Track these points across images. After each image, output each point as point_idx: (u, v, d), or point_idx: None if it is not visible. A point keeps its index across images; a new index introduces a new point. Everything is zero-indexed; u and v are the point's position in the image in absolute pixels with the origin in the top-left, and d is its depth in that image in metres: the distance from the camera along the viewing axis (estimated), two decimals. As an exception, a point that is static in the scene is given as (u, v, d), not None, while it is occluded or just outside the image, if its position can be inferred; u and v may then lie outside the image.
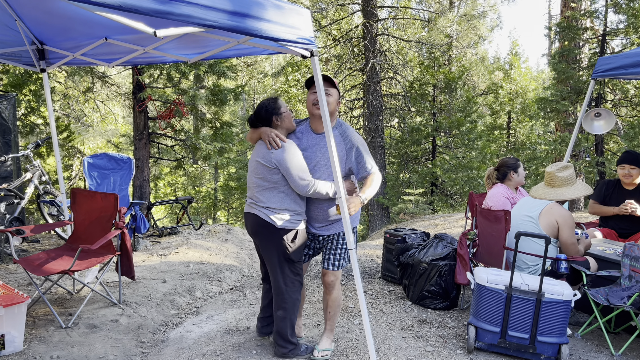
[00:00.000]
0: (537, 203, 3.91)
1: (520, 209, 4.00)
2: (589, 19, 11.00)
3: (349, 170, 3.23)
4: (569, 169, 3.97)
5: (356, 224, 3.27)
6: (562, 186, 3.96)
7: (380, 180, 3.27)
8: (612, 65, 4.87)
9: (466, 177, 13.37)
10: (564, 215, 3.77)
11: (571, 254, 3.80)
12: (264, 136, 3.10)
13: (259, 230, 3.17)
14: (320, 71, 2.79)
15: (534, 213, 3.86)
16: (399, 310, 4.35)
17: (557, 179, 3.95)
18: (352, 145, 3.17)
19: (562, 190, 3.94)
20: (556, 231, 3.79)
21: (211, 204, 17.23)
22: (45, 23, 3.92)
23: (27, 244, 5.98)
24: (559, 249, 3.89)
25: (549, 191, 3.99)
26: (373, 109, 13.60)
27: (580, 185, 3.96)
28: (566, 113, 11.40)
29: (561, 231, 3.77)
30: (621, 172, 4.71)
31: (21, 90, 8.42)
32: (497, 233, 3.98)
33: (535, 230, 3.79)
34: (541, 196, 3.97)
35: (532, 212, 3.88)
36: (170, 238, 6.68)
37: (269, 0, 2.53)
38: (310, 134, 3.21)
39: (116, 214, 4.25)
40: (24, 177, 5.67)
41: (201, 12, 2.15)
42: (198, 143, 7.65)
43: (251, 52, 3.36)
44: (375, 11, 13.64)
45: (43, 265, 3.94)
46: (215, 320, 4.10)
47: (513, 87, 21.13)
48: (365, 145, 3.28)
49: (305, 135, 3.22)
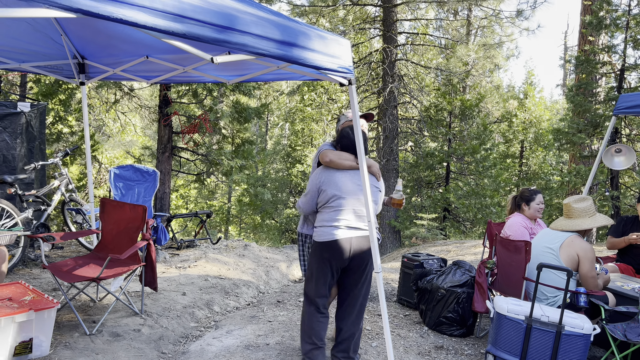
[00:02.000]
0: (558, 235, 3.97)
1: (540, 240, 4.06)
2: (607, 54, 11.12)
3: None
4: (587, 200, 4.02)
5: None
6: (579, 217, 4.00)
7: None
8: (634, 103, 4.96)
9: (479, 204, 13.39)
10: (585, 248, 3.82)
11: (590, 287, 3.83)
12: (375, 169, 3.43)
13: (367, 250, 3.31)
14: (357, 98, 2.91)
15: (555, 245, 3.91)
16: (415, 335, 4.40)
17: (575, 210, 4.00)
18: None
19: (579, 221, 3.99)
20: (576, 264, 3.84)
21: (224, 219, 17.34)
22: (89, 39, 4.10)
23: (51, 250, 6.11)
24: (577, 282, 3.93)
25: (567, 222, 4.04)
26: (389, 132, 13.74)
27: (600, 216, 4.01)
28: (582, 145, 11.44)
29: (581, 264, 3.81)
30: None
31: (51, 100, 8.65)
32: (517, 263, 4.03)
33: (556, 262, 3.84)
34: (559, 227, 4.02)
35: (553, 244, 3.93)
36: (189, 251, 6.77)
37: (314, 31, 2.67)
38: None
39: (143, 225, 4.36)
40: (52, 185, 5.82)
41: (254, 41, 2.28)
42: (220, 159, 7.80)
43: (289, 77, 3.49)
44: (395, 36, 13.86)
45: (71, 272, 4.04)
46: (235, 335, 4.16)
47: (527, 116, 21.21)
48: None
49: None
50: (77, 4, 1.70)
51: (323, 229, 3.27)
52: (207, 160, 8.49)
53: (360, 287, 3.35)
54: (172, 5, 1.94)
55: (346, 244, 3.20)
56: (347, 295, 3.38)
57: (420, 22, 16.85)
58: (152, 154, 11.99)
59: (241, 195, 17.62)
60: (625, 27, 10.62)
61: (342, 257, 3.21)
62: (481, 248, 5.75)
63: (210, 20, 2.10)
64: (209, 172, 9.06)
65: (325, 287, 3.34)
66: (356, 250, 3.23)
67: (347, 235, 3.21)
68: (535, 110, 21.46)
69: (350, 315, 3.37)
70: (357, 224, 3.26)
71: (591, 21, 10.84)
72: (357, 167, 3.30)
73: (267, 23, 2.39)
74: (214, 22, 2.12)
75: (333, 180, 3.28)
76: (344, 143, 3.36)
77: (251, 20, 2.29)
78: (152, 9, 1.88)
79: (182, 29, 1.97)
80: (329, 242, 3.22)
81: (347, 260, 3.23)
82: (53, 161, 5.87)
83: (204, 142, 8.66)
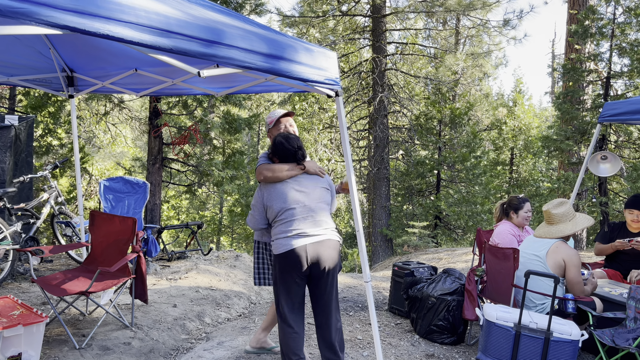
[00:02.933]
0: (543, 242, 4.01)
1: (527, 247, 4.10)
2: (593, 62, 11.28)
3: None
4: (565, 204, 4.04)
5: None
6: (560, 222, 4.03)
7: None
8: (618, 111, 5.03)
9: (470, 211, 13.48)
10: (571, 254, 3.86)
11: (577, 293, 3.87)
12: (315, 169, 3.35)
13: (334, 254, 3.28)
14: (344, 110, 2.94)
15: (541, 252, 3.95)
16: (406, 344, 4.41)
17: (554, 216, 4.03)
18: None
19: (561, 227, 4.02)
20: (563, 270, 3.88)
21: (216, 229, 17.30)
22: (78, 52, 4.11)
23: (39, 264, 6.06)
24: (565, 288, 3.97)
25: (548, 229, 4.07)
26: (379, 141, 13.81)
27: (580, 218, 4.03)
28: (570, 152, 11.57)
29: (567, 270, 3.85)
30: (630, 216, 4.80)
31: (40, 112, 8.63)
32: (506, 270, 4.06)
33: (543, 269, 3.88)
34: (542, 235, 4.05)
35: (539, 251, 3.97)
36: (180, 262, 6.75)
37: (300, 44, 2.70)
38: None
39: (133, 238, 4.35)
40: (41, 197, 5.80)
41: (241, 54, 2.31)
42: (210, 170, 7.81)
43: (277, 89, 3.53)
44: (384, 46, 13.99)
45: (60, 286, 4.02)
46: (226, 346, 4.15)
47: (516, 123, 21.42)
48: None
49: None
50: (63, 20, 1.72)
51: (278, 241, 3.25)
52: (197, 171, 8.49)
53: (329, 291, 3.32)
54: (158, 21, 1.96)
55: (302, 251, 3.17)
56: (317, 304, 3.35)
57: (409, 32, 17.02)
58: (142, 166, 11.97)
59: (233, 205, 17.61)
60: (610, 36, 10.79)
61: (300, 266, 3.19)
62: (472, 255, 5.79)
63: (196, 34, 2.13)
64: (200, 183, 9.07)
65: (292, 300, 3.29)
66: (313, 257, 3.20)
67: (301, 243, 3.18)
68: (524, 117, 21.69)
69: (329, 322, 3.34)
70: (312, 231, 3.22)
71: (577, 30, 11.01)
72: (297, 173, 3.30)
73: (254, 36, 2.42)
74: (200, 36, 2.15)
75: (275, 194, 3.25)
76: (280, 154, 3.31)
77: (238, 34, 2.32)
78: (138, 25, 1.90)
79: (168, 43, 2.00)
80: (285, 252, 3.20)
81: (307, 268, 3.20)
82: (42, 174, 5.84)
83: (194, 153, 8.67)
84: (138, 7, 1.91)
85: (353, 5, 14.69)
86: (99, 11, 1.79)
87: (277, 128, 3.54)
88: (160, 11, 1.99)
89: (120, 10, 1.85)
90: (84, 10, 1.76)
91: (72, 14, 1.75)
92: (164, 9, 2.00)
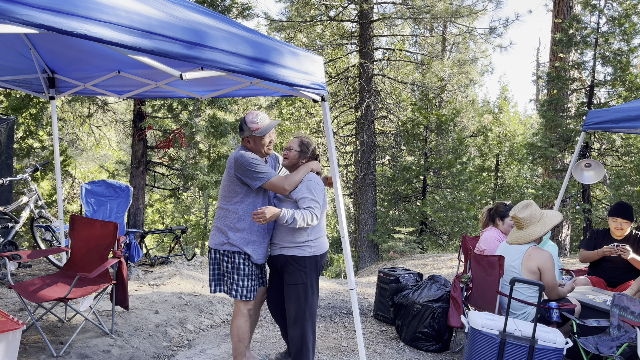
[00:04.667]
0: (516, 250, 3.99)
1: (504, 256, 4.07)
2: (577, 70, 11.43)
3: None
4: (530, 206, 4.03)
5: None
6: (529, 225, 4.03)
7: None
8: (602, 119, 5.07)
9: (455, 217, 13.53)
10: (544, 259, 3.85)
11: (553, 296, 3.88)
12: (319, 168, 3.42)
13: None
14: (329, 115, 2.91)
15: (516, 262, 3.94)
16: (391, 351, 4.37)
17: (522, 220, 4.02)
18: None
19: (530, 230, 4.01)
20: (538, 276, 3.87)
21: (200, 234, 17.15)
22: (59, 53, 4.03)
23: (18, 269, 5.92)
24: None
25: (519, 234, 4.06)
26: (366, 147, 13.82)
27: (548, 216, 4.03)
28: (554, 159, 11.69)
29: (543, 275, 3.85)
30: (613, 224, 4.83)
31: (21, 114, 8.47)
32: (491, 278, 4.05)
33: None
34: (514, 241, 4.04)
35: (514, 261, 3.96)
36: (162, 268, 6.65)
37: (286, 47, 2.67)
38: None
39: (115, 243, 4.26)
40: (21, 201, 5.67)
41: (225, 57, 2.27)
42: (195, 174, 7.72)
43: (262, 93, 3.48)
44: (371, 52, 14.02)
45: (38, 292, 3.92)
46: (208, 354, 4.08)
47: (502, 130, 21.61)
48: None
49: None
50: (39, 19, 1.66)
51: (322, 239, 3.41)
52: (182, 175, 8.39)
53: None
54: (139, 21, 1.91)
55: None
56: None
57: (396, 38, 17.10)
58: (126, 169, 11.82)
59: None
60: (594, 44, 10.93)
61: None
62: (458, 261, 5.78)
63: (179, 36, 2.08)
64: (185, 187, 8.97)
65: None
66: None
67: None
68: (509, 124, 21.90)
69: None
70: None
71: (561, 38, 11.14)
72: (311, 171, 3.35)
73: (238, 39, 2.38)
74: (183, 38, 2.10)
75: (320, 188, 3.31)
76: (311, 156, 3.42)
77: (221, 36, 2.27)
78: (118, 25, 1.85)
79: (150, 45, 1.95)
80: (324, 252, 3.42)
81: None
82: (22, 177, 5.72)
83: (179, 156, 8.57)
84: (118, 7, 1.86)
85: (341, 11, 14.72)
86: (77, 10, 1.73)
87: (262, 139, 3.32)
88: (142, 11, 1.93)
89: (99, 10, 1.79)
90: (61, 9, 1.70)
91: (49, 12, 1.70)
92: (145, 9, 1.95)
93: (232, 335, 3.40)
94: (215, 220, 3.39)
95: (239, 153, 3.23)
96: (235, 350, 3.41)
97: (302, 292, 3.37)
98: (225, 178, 3.29)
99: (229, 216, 3.28)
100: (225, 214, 3.30)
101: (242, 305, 3.35)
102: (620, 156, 12.35)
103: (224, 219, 3.31)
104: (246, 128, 3.25)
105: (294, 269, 3.36)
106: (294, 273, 3.37)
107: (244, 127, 3.26)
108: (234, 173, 3.21)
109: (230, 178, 3.25)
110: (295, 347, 3.44)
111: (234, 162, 3.21)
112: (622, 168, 12.05)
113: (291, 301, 3.40)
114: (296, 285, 3.36)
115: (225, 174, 3.28)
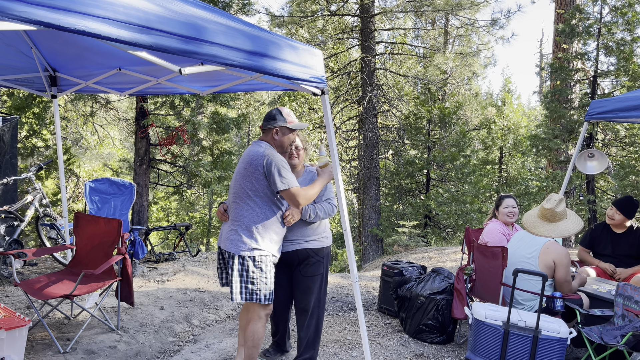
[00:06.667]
0: (533, 242, 3.98)
1: (517, 247, 4.06)
2: (580, 61, 11.36)
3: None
4: (563, 201, 4.04)
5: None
6: (560, 220, 4.00)
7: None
8: (605, 109, 5.04)
9: (459, 210, 13.51)
10: (561, 254, 3.85)
11: (565, 291, 3.88)
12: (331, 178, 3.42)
13: None
14: (330, 108, 2.91)
15: (533, 254, 3.92)
16: (396, 344, 4.38)
17: (557, 215, 3.99)
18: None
19: (561, 225, 3.99)
20: (552, 271, 3.87)
21: (205, 230, 17.20)
22: (60, 51, 4.04)
23: (24, 267, 5.96)
24: (553, 286, 3.96)
25: (550, 227, 4.02)
26: (369, 141, 13.80)
27: (573, 217, 4.02)
28: (558, 151, 11.64)
29: (557, 270, 3.85)
30: (609, 211, 4.84)
31: (25, 113, 8.51)
32: (494, 269, 4.05)
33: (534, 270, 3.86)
34: (544, 233, 3.98)
35: (531, 253, 3.94)
36: (167, 264, 6.68)
37: (285, 41, 2.67)
38: None
39: (119, 240, 4.28)
40: (25, 200, 5.70)
41: (223, 52, 2.27)
42: (198, 170, 7.75)
43: (263, 87, 3.48)
44: (373, 46, 13.98)
45: (44, 289, 3.95)
46: (214, 349, 4.10)
47: (505, 123, 21.53)
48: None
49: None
50: (37, 16, 1.67)
51: (329, 232, 3.57)
52: (185, 172, 8.41)
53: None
54: (137, 17, 1.91)
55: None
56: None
57: (398, 32, 17.04)
58: (130, 167, 11.85)
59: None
60: (597, 35, 10.86)
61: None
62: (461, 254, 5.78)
63: (177, 31, 2.08)
64: (189, 184, 8.99)
65: None
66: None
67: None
68: (513, 116, 21.81)
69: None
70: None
71: (564, 29, 11.07)
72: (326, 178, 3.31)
73: (236, 33, 2.38)
74: (181, 33, 2.11)
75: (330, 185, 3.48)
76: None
77: (220, 31, 2.28)
78: (116, 20, 1.85)
79: (148, 40, 1.95)
80: (330, 245, 3.60)
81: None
82: (26, 176, 5.75)
83: (182, 153, 8.59)
84: (116, 2, 1.86)
85: (342, 5, 14.67)
86: (75, 6, 1.74)
87: (291, 133, 3.21)
88: (140, 6, 1.94)
89: (97, 6, 1.80)
90: (58, 6, 1.71)
91: (47, 9, 1.70)
92: (143, 4, 1.95)
93: (247, 339, 3.24)
94: (233, 223, 3.13)
95: (271, 151, 3.04)
96: (248, 356, 3.28)
97: (319, 283, 3.49)
98: (244, 174, 3.04)
99: (254, 218, 3.06)
100: (247, 215, 3.07)
101: (261, 309, 3.20)
102: (625, 146, 12.29)
103: (246, 220, 3.08)
104: (281, 118, 3.11)
105: (314, 261, 3.45)
106: (314, 265, 3.45)
107: (278, 117, 3.10)
108: (262, 170, 3.00)
109: (252, 174, 3.02)
110: (309, 337, 3.53)
111: (264, 159, 2.99)
112: (627, 158, 11.99)
113: (310, 292, 3.46)
114: (314, 277, 3.45)
115: (244, 171, 3.05)
